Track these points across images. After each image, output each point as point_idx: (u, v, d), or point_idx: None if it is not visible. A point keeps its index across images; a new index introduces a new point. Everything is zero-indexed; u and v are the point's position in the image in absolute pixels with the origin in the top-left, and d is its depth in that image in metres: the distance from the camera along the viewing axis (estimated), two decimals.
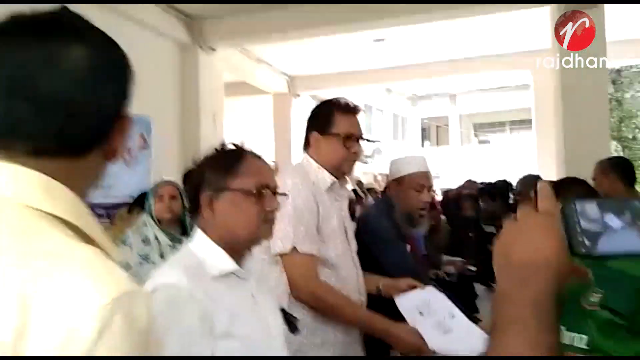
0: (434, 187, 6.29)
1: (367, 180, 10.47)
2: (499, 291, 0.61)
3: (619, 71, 13.37)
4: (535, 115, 8.63)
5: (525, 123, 18.74)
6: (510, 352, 0.55)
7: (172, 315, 1.09)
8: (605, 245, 0.61)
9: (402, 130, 19.57)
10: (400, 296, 1.89)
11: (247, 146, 1.33)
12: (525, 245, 0.61)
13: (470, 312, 3.44)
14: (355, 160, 1.91)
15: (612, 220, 0.63)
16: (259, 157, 1.31)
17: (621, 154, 12.04)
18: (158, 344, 1.00)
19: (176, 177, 5.73)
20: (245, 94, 9.34)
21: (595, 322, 1.62)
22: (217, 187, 1.24)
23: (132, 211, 3.53)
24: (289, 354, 1.33)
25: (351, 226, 2.01)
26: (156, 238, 2.74)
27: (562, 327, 1.74)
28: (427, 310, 1.82)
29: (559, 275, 0.60)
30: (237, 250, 1.26)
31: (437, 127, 21.59)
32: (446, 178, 13.59)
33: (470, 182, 5.48)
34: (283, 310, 1.39)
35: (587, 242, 0.61)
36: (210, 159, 1.29)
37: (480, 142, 21.85)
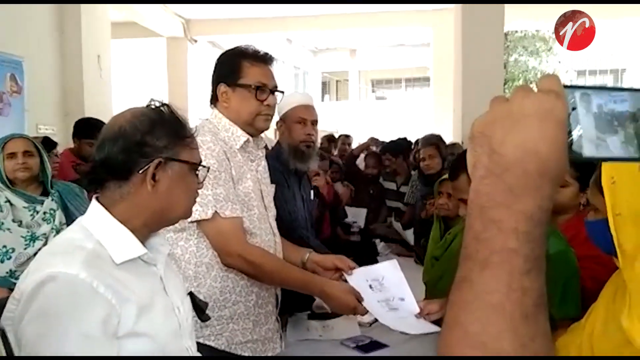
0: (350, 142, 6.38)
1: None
2: (474, 203, 0.46)
3: (505, 35, 14.18)
4: (433, 73, 8.90)
5: (420, 81, 19.50)
6: (483, 302, 0.42)
7: (70, 315, 0.89)
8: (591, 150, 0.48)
9: (304, 83, 19.42)
10: (358, 269, 1.79)
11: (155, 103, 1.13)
12: (518, 136, 0.45)
13: None
14: (271, 115, 1.74)
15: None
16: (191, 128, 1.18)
17: None
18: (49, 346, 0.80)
19: (59, 125, 5.11)
20: (135, 35, 8.55)
21: None
22: (168, 155, 1.05)
23: None
24: (194, 343, 1.18)
25: (269, 190, 1.85)
26: (8, 201, 2.36)
27: None
28: (377, 285, 1.75)
29: (558, 181, 0.46)
30: (157, 228, 1.12)
31: (337, 81, 21.71)
32: (345, 132, 13.75)
33: (373, 140, 5.51)
34: (192, 295, 1.22)
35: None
36: (154, 121, 1.06)
37: (378, 98, 22.39)
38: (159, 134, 1.05)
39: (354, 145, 6.30)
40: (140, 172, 1.02)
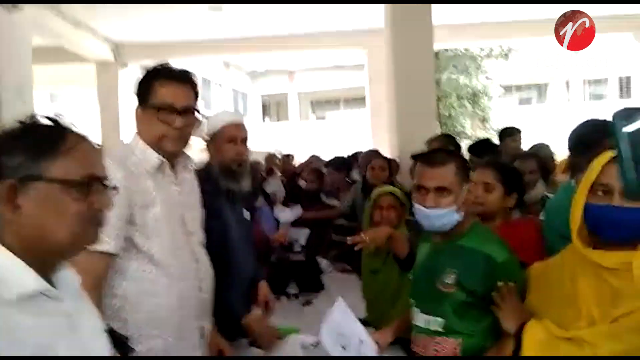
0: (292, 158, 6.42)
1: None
2: None
3: (436, 54, 14.73)
4: (369, 94, 9.07)
5: (358, 101, 19.92)
6: None
7: None
8: None
9: (244, 106, 19.35)
10: (323, 329, 1.91)
11: (67, 121, 1.00)
12: None
13: (317, 289, 3.46)
14: (182, 137, 1.64)
15: None
16: (84, 138, 1.00)
17: (438, 130, 13.37)
18: None
19: None
20: (62, 61, 8.22)
21: (451, 305, 1.61)
22: (25, 174, 0.90)
23: None
24: None
25: (196, 214, 1.76)
26: None
27: (417, 309, 1.71)
28: (343, 340, 1.83)
29: None
30: (48, 260, 0.95)
31: (277, 103, 21.82)
32: (287, 152, 13.78)
33: (314, 157, 5.54)
34: (111, 331, 1.11)
35: None
36: (11, 135, 0.93)
37: (318, 118, 22.68)
38: (13, 151, 0.91)
39: (296, 164, 6.32)
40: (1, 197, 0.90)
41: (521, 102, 21.07)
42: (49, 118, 0.98)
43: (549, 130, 13.90)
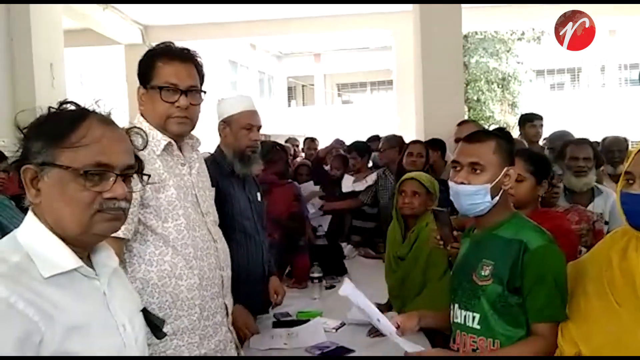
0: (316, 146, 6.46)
1: None
2: None
3: (466, 37, 14.42)
4: (396, 76, 8.95)
5: (385, 84, 19.72)
6: None
7: None
8: None
9: (269, 88, 19.36)
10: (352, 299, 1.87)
11: (99, 107, 1.01)
12: None
13: (340, 273, 3.46)
14: (187, 118, 1.60)
15: None
16: (108, 123, 0.99)
17: (467, 114, 13.16)
18: None
19: (10, 137, 4.91)
20: (92, 43, 8.33)
21: (487, 299, 1.53)
22: (42, 160, 0.93)
23: None
24: None
25: (208, 194, 1.75)
26: None
27: (456, 305, 1.64)
28: (364, 313, 1.85)
29: None
30: (73, 244, 0.97)
31: (303, 86, 21.74)
32: (311, 136, 13.76)
33: (338, 141, 5.52)
34: (145, 311, 1.12)
35: None
36: (38, 122, 0.97)
37: (344, 102, 22.53)
38: (35, 137, 0.94)
39: (319, 149, 6.31)
40: (26, 181, 0.95)
41: (553, 87, 20.54)
42: (75, 104, 0.99)
43: (582, 116, 13.52)
